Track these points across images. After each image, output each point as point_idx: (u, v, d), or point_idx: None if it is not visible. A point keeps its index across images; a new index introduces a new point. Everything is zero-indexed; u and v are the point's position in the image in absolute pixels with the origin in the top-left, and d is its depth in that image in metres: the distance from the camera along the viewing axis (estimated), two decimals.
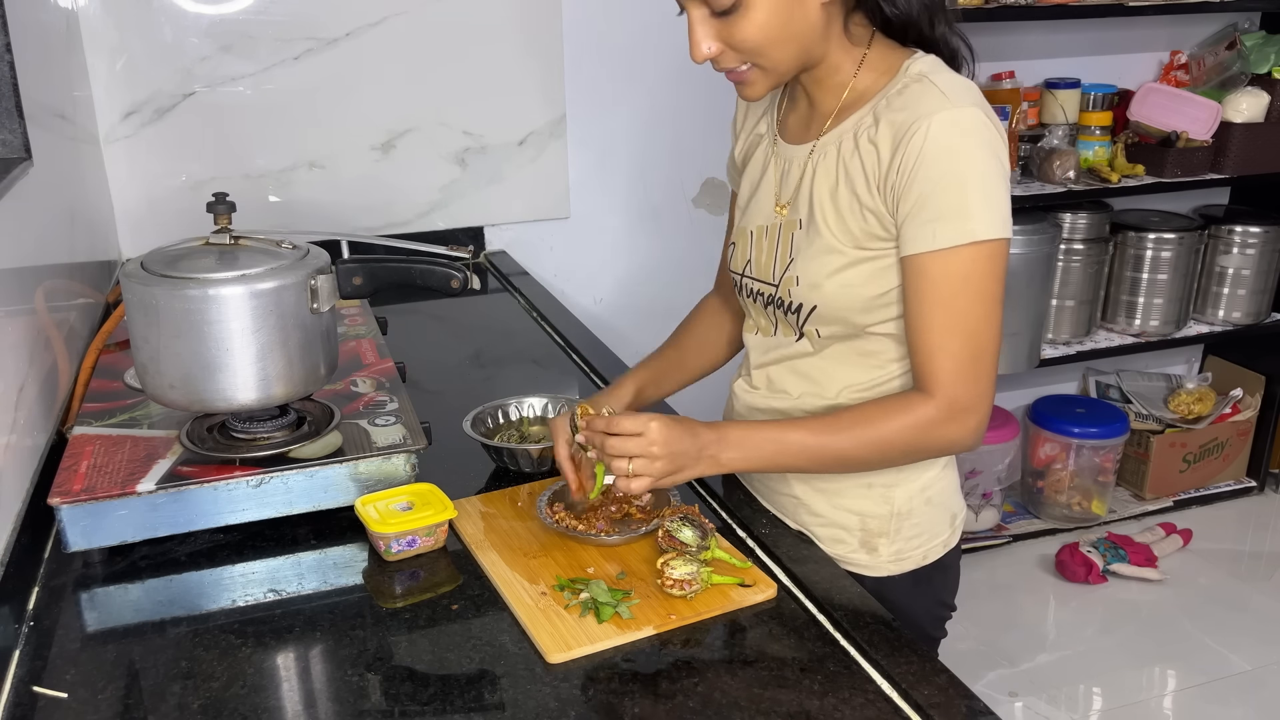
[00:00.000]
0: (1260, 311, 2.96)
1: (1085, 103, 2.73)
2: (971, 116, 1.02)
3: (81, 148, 1.86)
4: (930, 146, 1.01)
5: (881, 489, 1.20)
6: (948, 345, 1.05)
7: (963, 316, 1.04)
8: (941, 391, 1.06)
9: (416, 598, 1.06)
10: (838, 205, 1.10)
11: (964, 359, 1.05)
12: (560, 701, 0.90)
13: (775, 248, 1.17)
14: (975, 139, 1.02)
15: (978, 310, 1.04)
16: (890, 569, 1.22)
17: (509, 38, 2.26)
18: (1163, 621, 2.60)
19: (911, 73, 1.06)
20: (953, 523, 1.26)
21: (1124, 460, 3.07)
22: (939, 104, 1.02)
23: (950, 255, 1.02)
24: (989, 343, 1.06)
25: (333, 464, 1.17)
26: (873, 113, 1.07)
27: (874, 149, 1.06)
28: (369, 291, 1.22)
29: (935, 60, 1.09)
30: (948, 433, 1.08)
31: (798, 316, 1.16)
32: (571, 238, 2.48)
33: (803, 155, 1.15)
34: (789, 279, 1.15)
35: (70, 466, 1.14)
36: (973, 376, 1.06)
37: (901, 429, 1.08)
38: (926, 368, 1.07)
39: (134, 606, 1.05)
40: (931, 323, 1.05)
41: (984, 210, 1.02)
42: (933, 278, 1.04)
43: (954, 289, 1.03)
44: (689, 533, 1.07)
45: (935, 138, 1.01)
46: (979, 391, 1.06)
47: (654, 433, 1.04)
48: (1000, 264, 1.04)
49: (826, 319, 1.14)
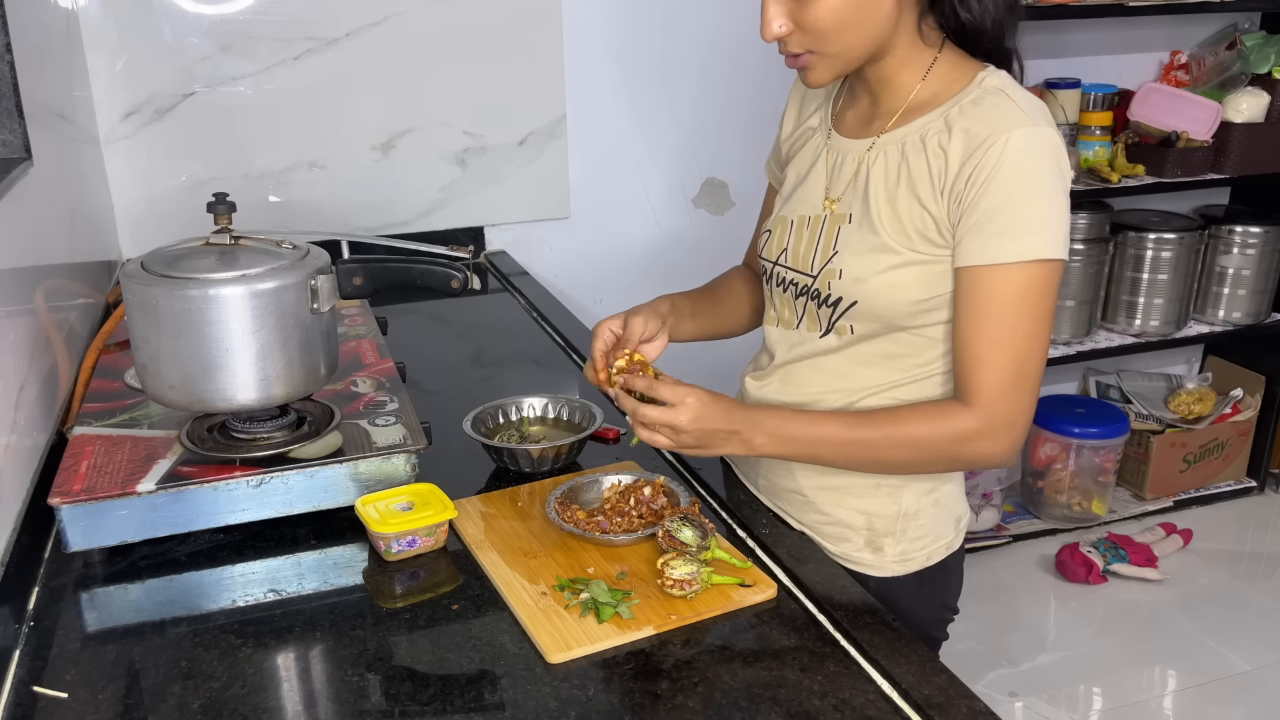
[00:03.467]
0: (1260, 311, 2.96)
1: (1085, 103, 2.73)
2: (1048, 137, 1.03)
3: (81, 148, 1.86)
4: (1007, 161, 1.01)
5: (890, 489, 1.20)
6: (994, 359, 1.05)
7: (1013, 333, 1.04)
8: (983, 405, 1.06)
9: (416, 598, 1.06)
10: (895, 204, 1.10)
11: (1009, 375, 1.05)
12: (560, 701, 0.90)
13: (817, 239, 1.17)
14: (1050, 159, 1.03)
15: (1029, 328, 1.04)
16: (895, 569, 1.22)
17: (509, 37, 2.26)
18: (1163, 621, 2.60)
19: (987, 85, 1.07)
20: (957, 525, 1.26)
21: (1124, 460, 3.07)
22: (1018, 120, 1.02)
23: (1011, 270, 1.03)
24: (1035, 362, 1.06)
25: (333, 464, 1.17)
26: (944, 118, 1.07)
27: (943, 154, 1.06)
28: (369, 291, 1.22)
29: (1008, 76, 1.09)
30: (983, 447, 1.08)
31: (833, 310, 1.15)
32: (571, 238, 2.48)
33: (859, 150, 1.14)
34: (830, 271, 1.14)
35: (70, 466, 1.14)
36: (1015, 394, 1.06)
37: (937, 436, 1.08)
38: (970, 380, 1.06)
39: (134, 606, 1.05)
40: (981, 335, 1.05)
41: (1051, 230, 1.02)
42: (989, 290, 1.04)
43: (1009, 304, 1.04)
44: (689, 533, 1.07)
45: (1013, 153, 1.01)
46: (1019, 409, 1.07)
47: (689, 409, 1.05)
48: (1055, 284, 1.05)
49: (865, 316, 1.13)
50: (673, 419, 1.05)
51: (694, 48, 2.44)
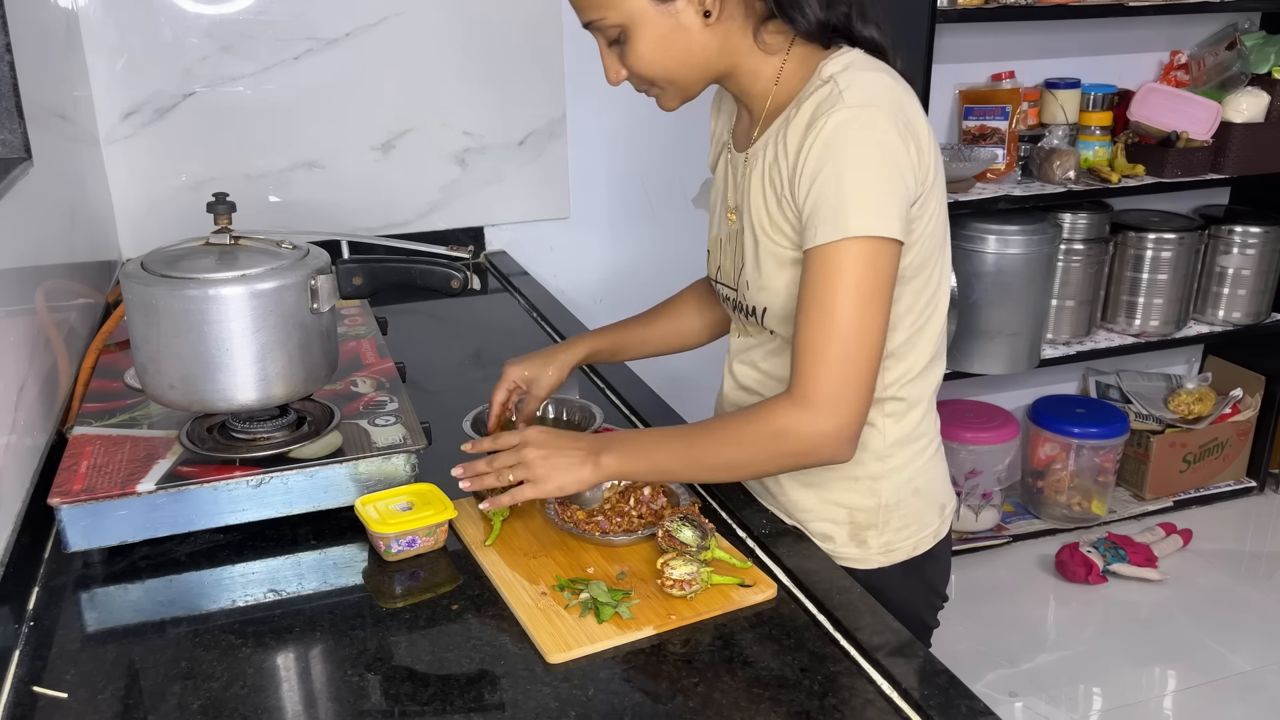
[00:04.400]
0: (1260, 311, 2.96)
1: (1085, 103, 2.73)
2: (862, 115, 1.00)
3: (81, 148, 1.86)
4: (818, 145, 1.01)
5: (868, 481, 1.20)
6: (815, 343, 1.02)
7: (832, 313, 1.01)
8: (800, 388, 1.03)
9: (416, 598, 1.06)
10: (769, 209, 1.11)
11: (830, 358, 1.01)
12: (560, 701, 0.90)
13: (734, 254, 1.20)
14: (862, 136, 1.00)
15: (849, 309, 1.01)
16: (880, 561, 1.22)
17: (509, 38, 2.26)
18: (1163, 621, 2.60)
19: (823, 75, 1.06)
20: (942, 512, 1.26)
21: (1124, 460, 3.07)
22: (833, 103, 1.02)
23: (826, 251, 1.01)
24: (861, 343, 1.01)
25: (333, 464, 1.17)
26: (787, 116, 1.08)
27: (786, 151, 1.07)
28: (369, 291, 1.22)
29: (853, 57, 1.07)
30: (804, 431, 1.03)
31: (758, 318, 1.18)
32: (571, 238, 2.48)
33: (741, 162, 1.17)
34: (744, 283, 1.18)
35: (70, 466, 1.14)
36: (837, 377, 1.01)
37: (760, 429, 1.05)
38: (794, 366, 1.04)
39: (134, 606, 1.05)
40: (805, 320, 1.03)
41: (862, 208, 1.00)
42: (811, 274, 1.03)
43: (827, 285, 1.01)
44: (689, 533, 1.07)
45: (824, 136, 1.01)
46: (844, 392, 1.01)
47: (531, 437, 1.10)
48: (882, 264, 1.01)
49: (778, 319, 1.15)
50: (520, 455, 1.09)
51: None
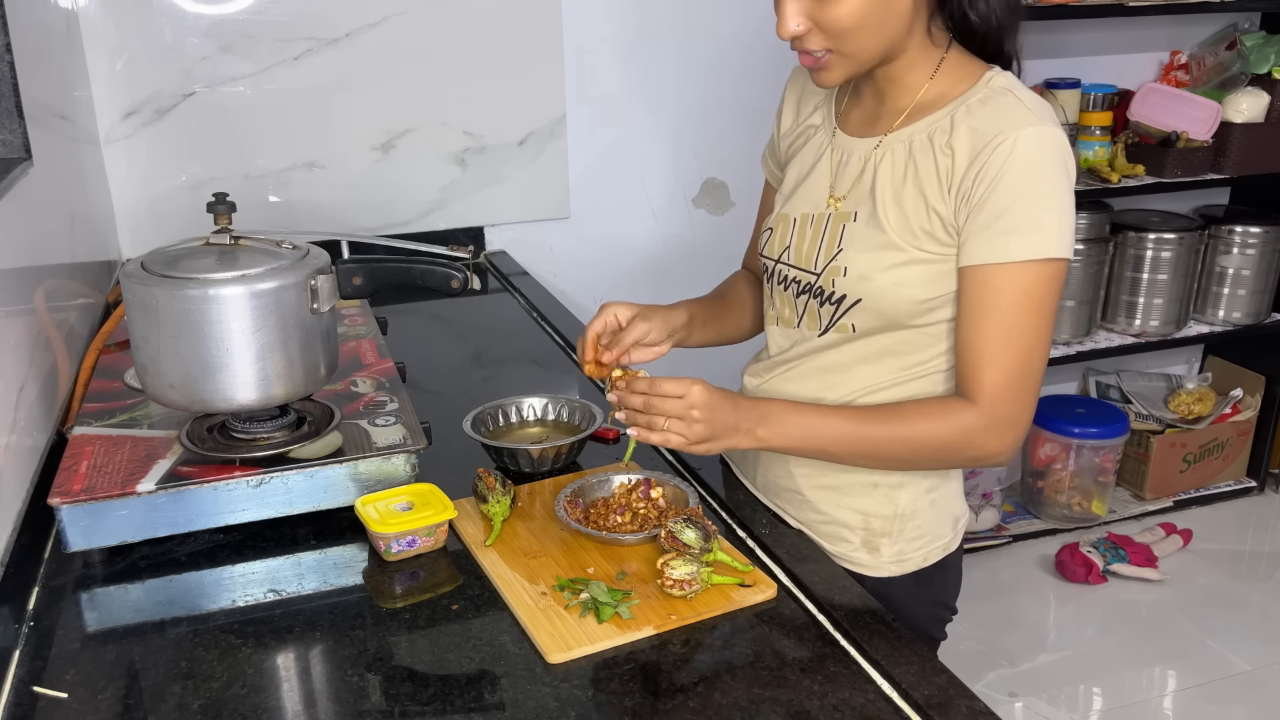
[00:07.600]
0: (1260, 311, 2.96)
1: (1085, 103, 2.73)
2: (1055, 136, 1.04)
3: (81, 148, 1.86)
4: (1015, 160, 1.02)
5: (887, 489, 1.19)
6: (999, 358, 1.05)
7: (1018, 331, 1.05)
8: (986, 403, 1.06)
9: (416, 598, 1.06)
10: (901, 203, 1.10)
11: (1013, 373, 1.06)
12: (560, 701, 0.90)
13: (821, 237, 1.17)
14: (1057, 158, 1.03)
15: (1033, 326, 1.05)
16: (891, 569, 1.22)
17: (509, 38, 2.26)
18: (1163, 621, 2.60)
19: (994, 85, 1.08)
20: (955, 525, 1.26)
21: (1124, 460, 3.07)
22: (1025, 119, 1.03)
23: (1018, 269, 1.03)
24: (1038, 361, 1.07)
25: (333, 464, 1.17)
26: (951, 117, 1.07)
27: (950, 153, 1.06)
28: (369, 291, 1.22)
29: (1014, 77, 1.10)
30: (986, 445, 1.08)
31: (836, 308, 1.15)
32: (571, 238, 2.48)
33: (866, 149, 1.14)
34: (834, 269, 1.14)
35: (70, 466, 1.14)
36: (1018, 392, 1.06)
37: (941, 434, 1.08)
38: (974, 377, 1.07)
39: (134, 606, 1.05)
40: (986, 334, 1.05)
41: (1057, 229, 1.03)
42: (996, 289, 1.04)
43: (1015, 303, 1.04)
44: (691, 534, 1.07)
45: (1021, 151, 1.02)
46: (1022, 407, 1.07)
47: (696, 396, 1.05)
48: (1060, 284, 1.05)
49: (868, 313, 1.14)
50: (682, 409, 1.05)
51: (694, 47, 2.44)
